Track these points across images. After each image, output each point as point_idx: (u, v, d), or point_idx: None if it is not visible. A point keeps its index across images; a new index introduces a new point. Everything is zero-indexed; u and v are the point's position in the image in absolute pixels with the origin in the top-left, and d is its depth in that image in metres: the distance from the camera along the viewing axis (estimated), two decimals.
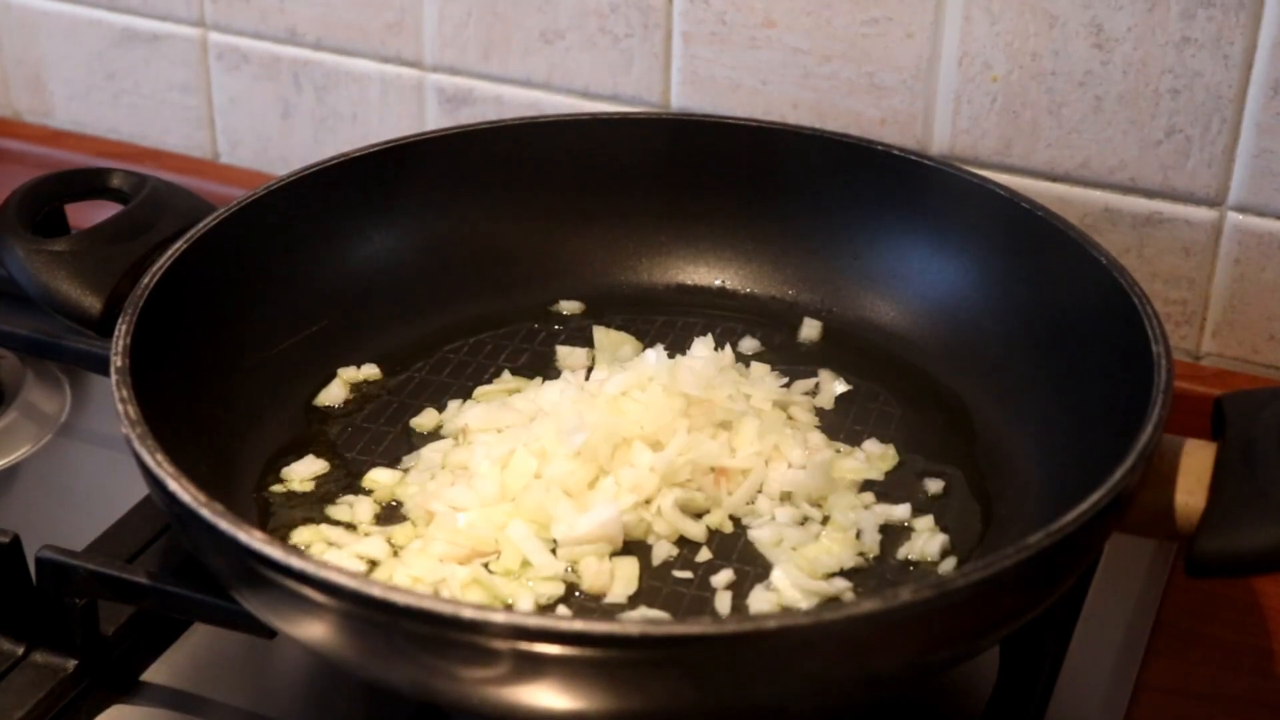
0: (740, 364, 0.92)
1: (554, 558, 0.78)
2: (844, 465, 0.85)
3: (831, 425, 0.88)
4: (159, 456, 0.72)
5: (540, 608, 0.76)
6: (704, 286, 0.99)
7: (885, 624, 0.64)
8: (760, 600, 0.77)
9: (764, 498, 0.82)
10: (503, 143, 0.98)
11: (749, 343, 0.95)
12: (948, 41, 0.98)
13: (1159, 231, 0.97)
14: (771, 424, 0.85)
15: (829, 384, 0.91)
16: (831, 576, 0.78)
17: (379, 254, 0.96)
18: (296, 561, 0.66)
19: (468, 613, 0.63)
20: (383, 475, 0.85)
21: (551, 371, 0.92)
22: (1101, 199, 0.98)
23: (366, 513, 0.82)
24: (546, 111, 1.08)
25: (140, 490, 0.81)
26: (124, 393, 0.75)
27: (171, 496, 0.70)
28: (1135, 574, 0.88)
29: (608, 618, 0.75)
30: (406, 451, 0.87)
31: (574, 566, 0.78)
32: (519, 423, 0.85)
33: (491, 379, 0.92)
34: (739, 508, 0.82)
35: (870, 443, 0.87)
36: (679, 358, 0.88)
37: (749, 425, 0.84)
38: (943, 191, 0.93)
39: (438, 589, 0.77)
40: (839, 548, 0.80)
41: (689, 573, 0.79)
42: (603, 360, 0.92)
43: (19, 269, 0.88)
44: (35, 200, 0.91)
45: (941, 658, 0.71)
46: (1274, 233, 0.95)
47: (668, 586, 0.78)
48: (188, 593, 0.77)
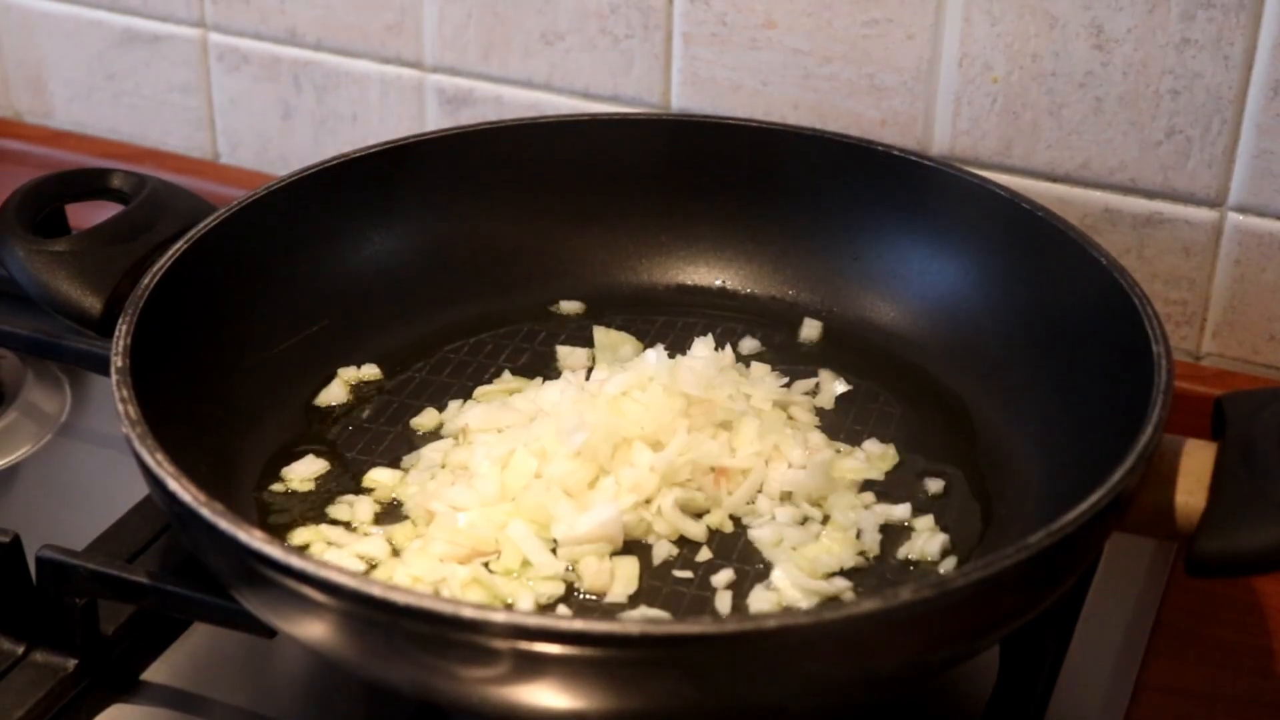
0: (740, 364, 0.92)
1: (554, 557, 0.78)
2: (844, 465, 0.85)
3: (831, 425, 0.88)
4: (159, 456, 0.72)
5: (540, 607, 0.76)
6: (704, 286, 0.99)
7: (885, 624, 0.64)
8: (760, 600, 0.77)
9: (764, 497, 0.82)
10: (503, 143, 0.98)
11: (749, 343, 0.95)
12: (948, 43, 0.98)
13: (1159, 232, 0.97)
14: (771, 424, 0.85)
15: (829, 384, 0.91)
16: (832, 576, 0.78)
17: (379, 254, 0.96)
18: (296, 561, 0.66)
19: (468, 612, 0.63)
20: (383, 475, 0.85)
21: (552, 371, 0.92)
22: (1102, 199, 0.98)
23: (366, 512, 0.82)
24: (547, 112, 1.08)
25: (140, 490, 0.81)
26: (124, 393, 0.75)
27: (171, 496, 0.70)
28: (1135, 574, 0.88)
29: (608, 617, 0.75)
30: (406, 451, 0.87)
31: (574, 566, 0.78)
32: (519, 423, 0.85)
33: (492, 379, 0.92)
34: (739, 507, 0.82)
35: (870, 443, 0.87)
36: (679, 358, 0.88)
37: (749, 425, 0.84)
38: (943, 192, 0.93)
39: (438, 589, 0.77)
40: (839, 547, 0.80)
41: (689, 572, 0.79)
42: (603, 360, 0.92)
43: (19, 269, 0.88)
44: (36, 200, 0.91)
45: (941, 658, 0.71)
46: (1274, 233, 0.95)
47: (668, 586, 0.78)
48: (188, 592, 0.77)
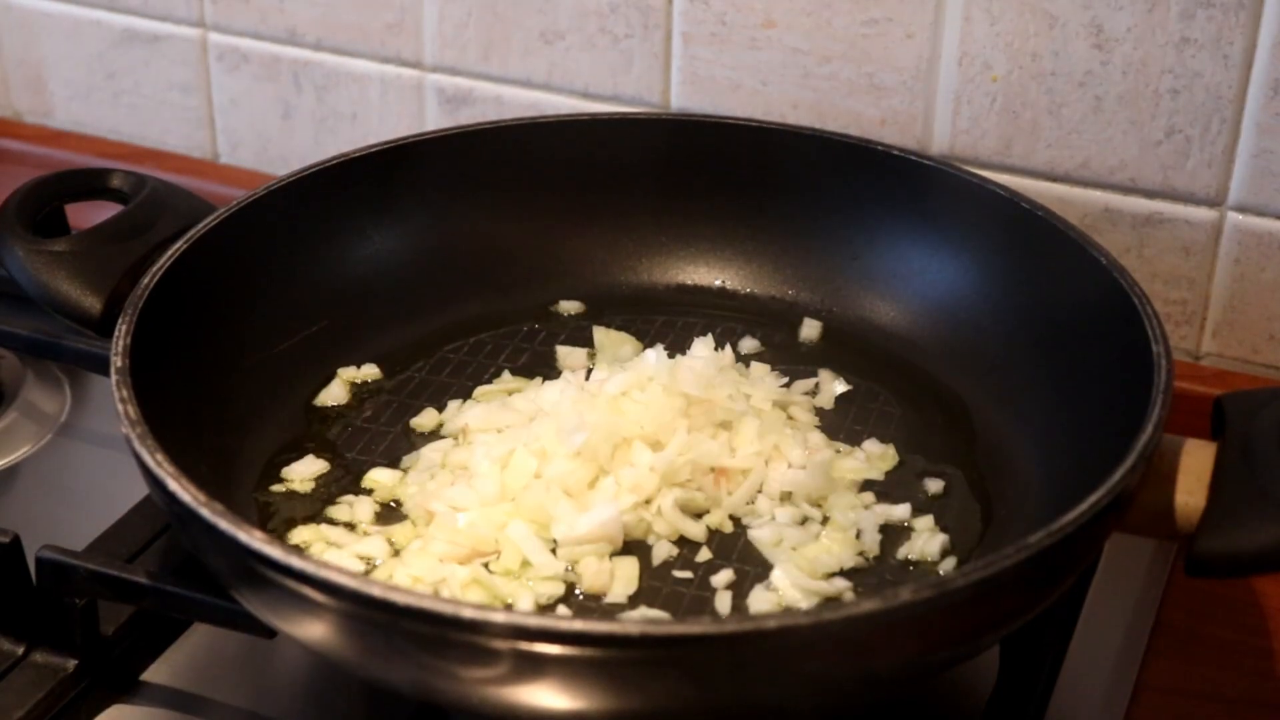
0: (740, 364, 0.92)
1: (554, 557, 0.78)
2: (844, 465, 0.85)
3: (831, 425, 0.88)
4: (159, 456, 0.72)
5: (540, 607, 0.76)
6: (704, 286, 0.99)
7: (885, 624, 0.64)
8: (760, 600, 0.77)
9: (764, 498, 0.82)
10: (503, 143, 0.98)
11: (749, 343, 0.95)
12: (948, 42, 0.98)
13: (1159, 231, 0.97)
14: (771, 424, 0.85)
15: (829, 384, 0.91)
16: (831, 576, 0.78)
17: (379, 254, 0.96)
18: (296, 561, 0.66)
19: (468, 612, 0.63)
20: (383, 475, 0.85)
21: (551, 371, 0.92)
22: (1101, 199, 0.98)
23: (366, 512, 0.82)
24: (546, 112, 1.08)
25: (140, 490, 0.81)
26: (124, 393, 0.75)
27: (171, 496, 0.70)
28: (1135, 574, 0.88)
29: (608, 618, 0.75)
30: (406, 451, 0.87)
31: (574, 566, 0.78)
32: (519, 423, 0.85)
33: (491, 379, 0.92)
34: (739, 508, 0.82)
35: (870, 443, 0.87)
36: (679, 358, 0.88)
37: (749, 425, 0.84)
38: (943, 191, 0.93)
39: (438, 589, 0.77)
40: (839, 547, 0.80)
41: (689, 573, 0.79)
42: (603, 360, 0.92)
43: (19, 269, 0.88)
44: (35, 200, 0.91)
45: (941, 658, 0.71)
46: (1274, 233, 0.95)
47: (668, 586, 0.78)
48: (188, 593, 0.77)
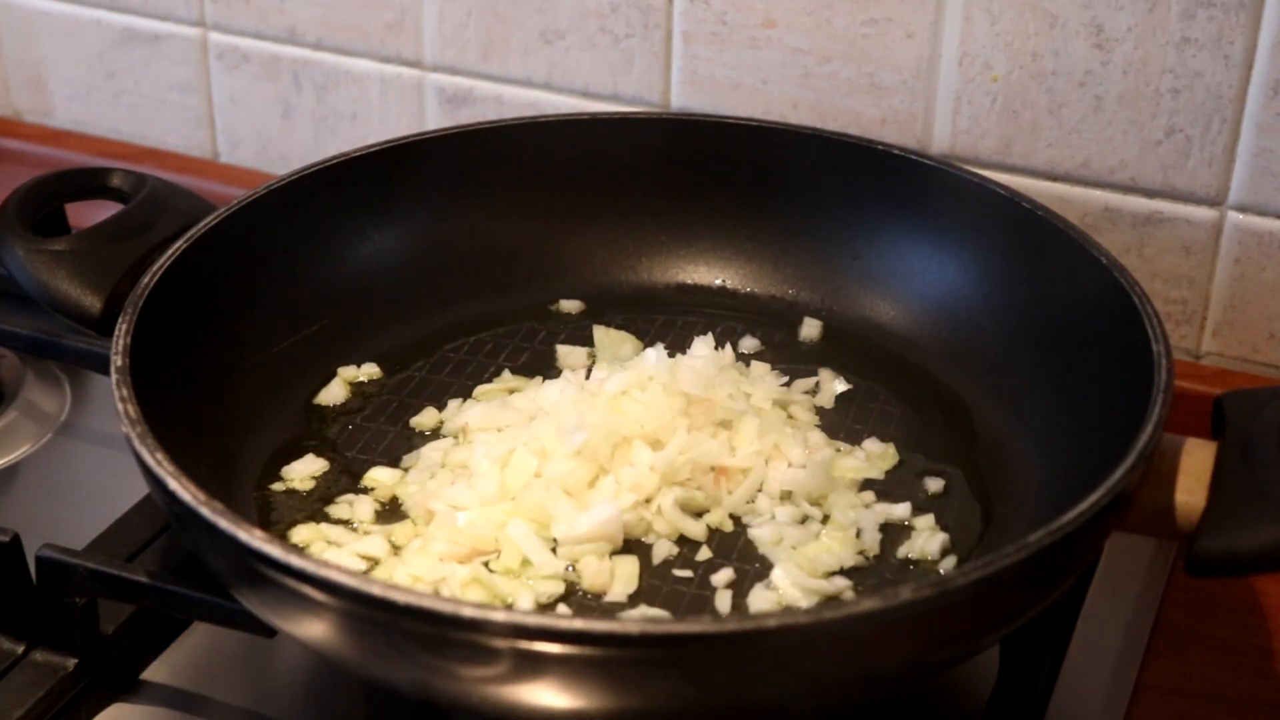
0: (740, 363, 0.92)
1: (554, 556, 0.78)
2: (844, 464, 0.85)
3: (831, 424, 0.88)
4: (159, 456, 0.72)
5: (540, 606, 0.76)
6: (704, 286, 0.99)
7: (885, 623, 0.64)
8: (760, 599, 0.77)
9: (764, 496, 0.82)
10: (503, 143, 0.98)
11: (749, 342, 0.95)
12: (948, 41, 0.98)
13: (1159, 231, 0.97)
14: (771, 423, 0.85)
15: (829, 383, 0.91)
16: (831, 575, 0.78)
17: (379, 254, 0.96)
18: (296, 560, 0.66)
19: (468, 611, 0.63)
20: (383, 474, 0.85)
21: (551, 371, 0.92)
22: (1101, 198, 0.98)
23: (366, 512, 0.82)
24: (546, 111, 1.08)
25: (140, 490, 0.81)
26: (124, 392, 0.75)
27: (171, 495, 0.70)
28: (1135, 574, 0.88)
29: (608, 616, 0.75)
30: (406, 451, 0.87)
31: (574, 565, 0.78)
32: (519, 422, 0.85)
33: (491, 378, 0.92)
34: (739, 506, 0.82)
35: (870, 442, 0.87)
36: (679, 357, 0.88)
37: (749, 424, 0.84)
38: (943, 191, 0.93)
39: (438, 588, 0.77)
40: (839, 546, 0.80)
41: (689, 571, 0.79)
42: (603, 359, 0.92)
43: (19, 269, 0.88)
44: (35, 200, 0.91)
45: (941, 657, 0.71)
46: (1274, 232, 0.95)
47: (668, 585, 0.78)
48: (188, 592, 0.77)
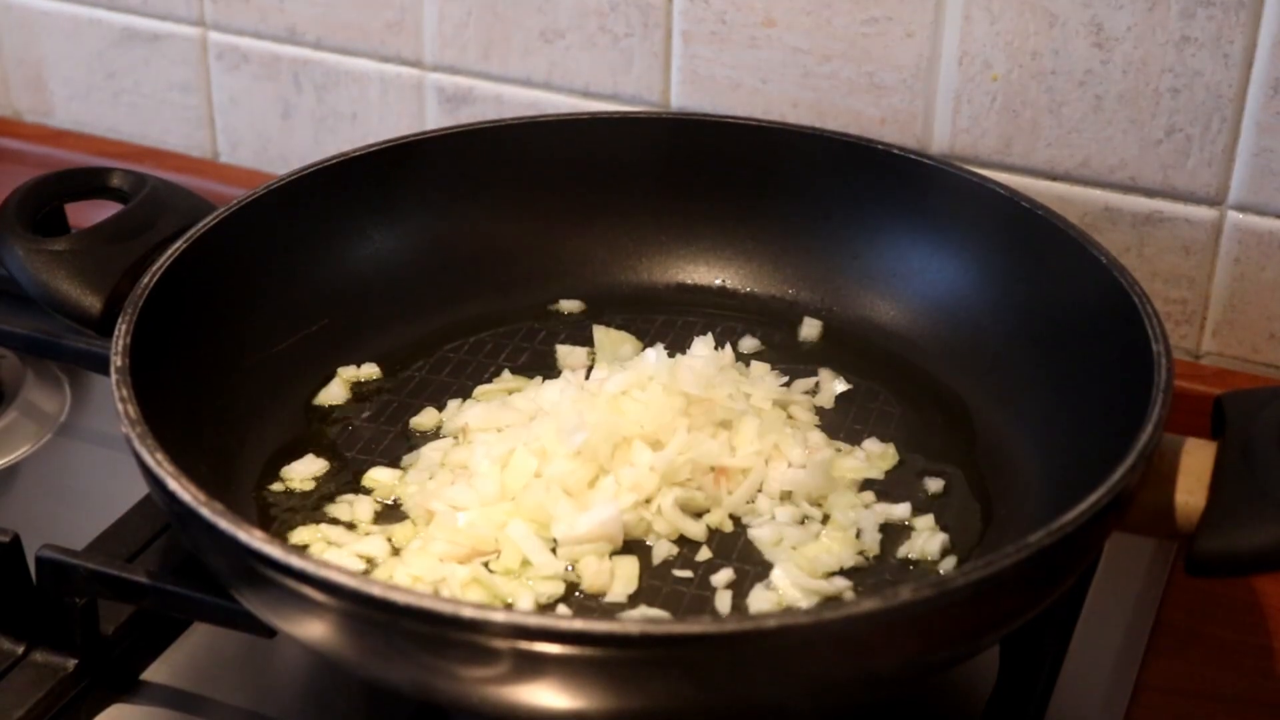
0: (740, 363, 0.92)
1: (554, 557, 0.78)
2: (844, 464, 0.85)
3: (831, 424, 0.88)
4: (159, 456, 0.71)
5: (540, 607, 0.76)
6: (704, 286, 0.99)
7: (885, 623, 0.64)
8: (760, 599, 0.77)
9: (764, 497, 0.82)
10: (503, 142, 0.98)
11: (749, 342, 0.95)
12: (948, 41, 0.98)
13: (1159, 230, 0.97)
14: (771, 423, 0.85)
15: (829, 383, 0.91)
16: (831, 575, 0.78)
17: (379, 254, 0.96)
18: (296, 560, 0.66)
19: (468, 612, 0.63)
20: (382, 474, 0.85)
21: (551, 371, 0.92)
22: (1101, 198, 0.98)
23: (366, 512, 0.82)
24: (546, 111, 1.08)
25: (140, 490, 0.81)
26: (124, 392, 0.75)
27: (171, 496, 0.70)
28: (1135, 574, 0.88)
29: (608, 617, 0.75)
30: (406, 451, 0.87)
31: (574, 565, 0.78)
32: (519, 422, 0.85)
33: (491, 378, 0.92)
34: (739, 507, 0.82)
35: (870, 442, 0.87)
36: (679, 357, 0.88)
37: (749, 424, 0.84)
38: (943, 191, 0.93)
39: (438, 588, 0.77)
40: (839, 547, 0.80)
41: (689, 572, 0.79)
42: (603, 359, 0.92)
43: (19, 269, 0.88)
44: (35, 200, 0.91)
45: (941, 657, 0.71)
46: (1274, 232, 0.95)
47: (668, 586, 0.78)
48: (188, 592, 0.77)
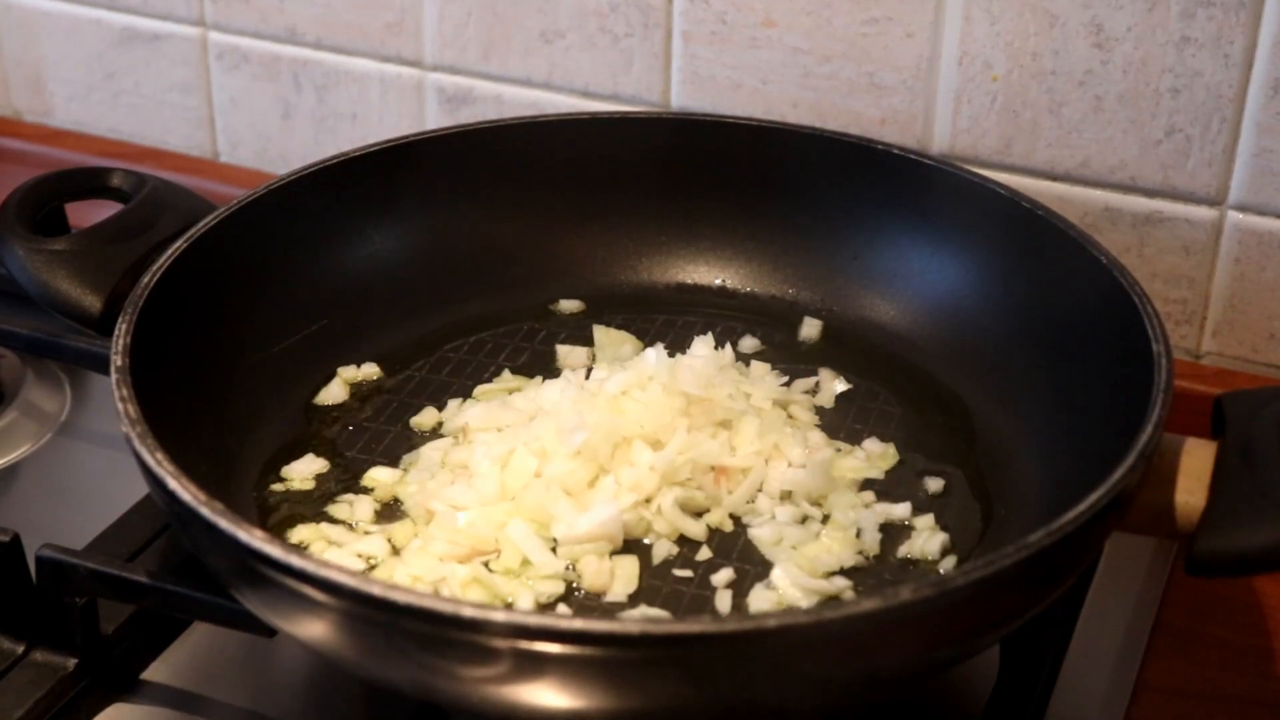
0: (740, 363, 0.92)
1: (554, 556, 0.78)
2: (844, 464, 0.85)
3: (831, 424, 0.88)
4: (159, 456, 0.71)
5: (540, 606, 0.76)
6: (704, 286, 0.99)
7: (885, 623, 0.64)
8: (760, 599, 0.77)
9: (764, 496, 0.82)
10: (503, 143, 0.98)
11: (749, 342, 0.95)
12: (948, 41, 0.98)
13: (1159, 231, 0.97)
14: (771, 423, 0.85)
15: (829, 383, 0.91)
16: (832, 575, 0.78)
17: (379, 254, 0.96)
18: (296, 560, 0.66)
19: (468, 611, 0.63)
20: (382, 474, 0.85)
21: (551, 371, 0.92)
22: (1101, 198, 0.98)
23: (366, 511, 0.82)
24: (546, 111, 1.08)
25: (140, 490, 0.81)
26: (124, 392, 0.75)
27: (171, 495, 0.70)
28: (1135, 574, 0.88)
29: (608, 616, 0.75)
30: (406, 450, 0.87)
31: (574, 565, 0.78)
32: (519, 422, 0.85)
33: (491, 378, 0.92)
34: (739, 506, 0.82)
35: (870, 441, 0.87)
36: (679, 357, 0.88)
37: (749, 424, 0.84)
38: (943, 191, 0.93)
39: (438, 588, 0.77)
40: (839, 546, 0.80)
41: (689, 571, 0.79)
42: (603, 359, 0.92)
43: (19, 268, 0.88)
44: (35, 200, 0.91)
45: (941, 657, 0.71)
46: (1274, 232, 0.95)
47: (668, 585, 0.78)
48: (188, 592, 0.77)
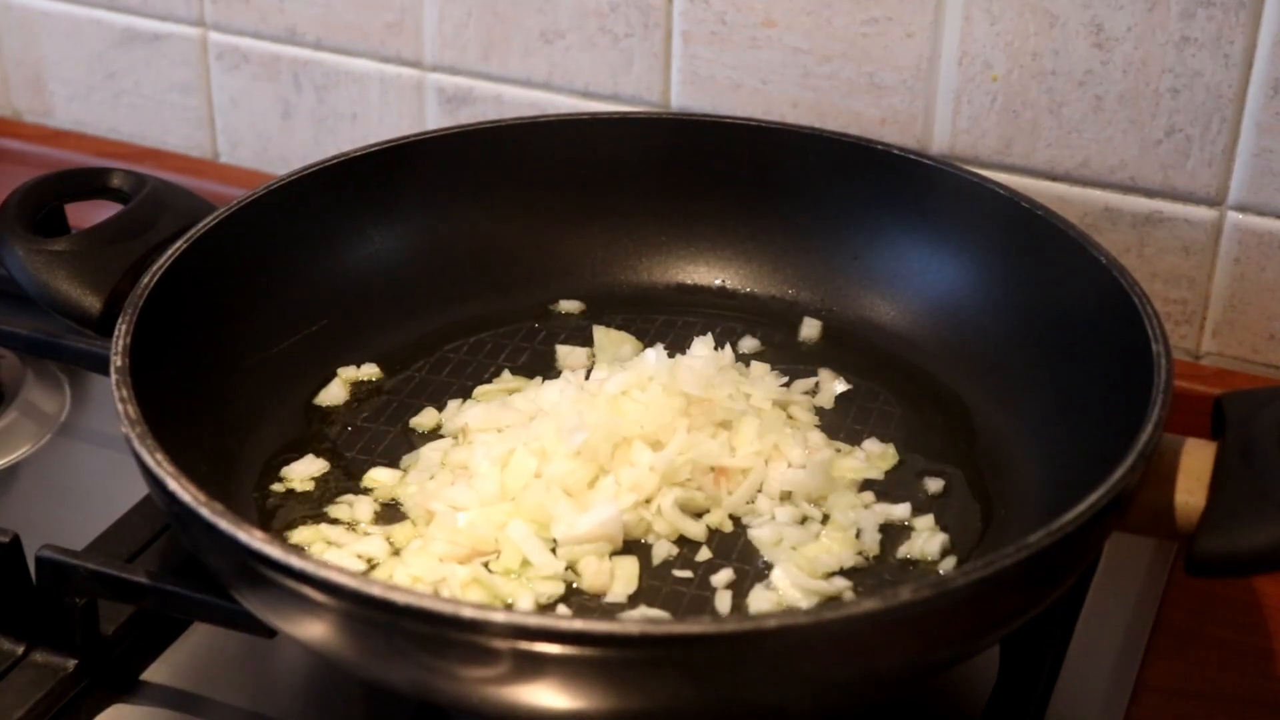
0: (740, 363, 0.92)
1: (554, 557, 0.78)
2: (844, 464, 0.85)
3: (831, 424, 0.88)
4: (159, 456, 0.72)
5: (540, 607, 0.76)
6: (704, 286, 0.99)
7: (885, 623, 0.64)
8: (760, 599, 0.77)
9: (764, 497, 0.82)
10: (503, 143, 0.98)
11: (749, 342, 0.95)
12: (948, 41, 0.98)
13: (1159, 231, 0.97)
14: (771, 423, 0.85)
15: (829, 383, 0.91)
16: (831, 576, 0.78)
17: (379, 254, 0.96)
18: (296, 561, 0.66)
19: (468, 612, 0.63)
20: (382, 475, 0.85)
21: (551, 371, 0.92)
22: (1101, 198, 0.98)
23: (366, 512, 0.82)
24: (546, 111, 1.08)
25: (140, 490, 0.81)
26: (124, 392, 0.75)
27: (171, 496, 0.70)
28: (1135, 574, 0.88)
29: (608, 617, 0.75)
30: (406, 451, 0.87)
31: (574, 566, 0.78)
32: (519, 422, 0.85)
33: (491, 378, 0.92)
34: (739, 507, 0.82)
35: (870, 442, 0.87)
36: (679, 357, 0.88)
37: (749, 424, 0.84)
38: (943, 191, 0.93)
39: (438, 588, 0.77)
40: (839, 547, 0.80)
41: (689, 572, 0.79)
42: (603, 360, 0.92)
43: (19, 269, 0.88)
44: (35, 200, 0.91)
45: (941, 657, 0.71)
46: (1274, 232, 0.95)
47: (668, 586, 0.78)
48: (188, 592, 0.77)
